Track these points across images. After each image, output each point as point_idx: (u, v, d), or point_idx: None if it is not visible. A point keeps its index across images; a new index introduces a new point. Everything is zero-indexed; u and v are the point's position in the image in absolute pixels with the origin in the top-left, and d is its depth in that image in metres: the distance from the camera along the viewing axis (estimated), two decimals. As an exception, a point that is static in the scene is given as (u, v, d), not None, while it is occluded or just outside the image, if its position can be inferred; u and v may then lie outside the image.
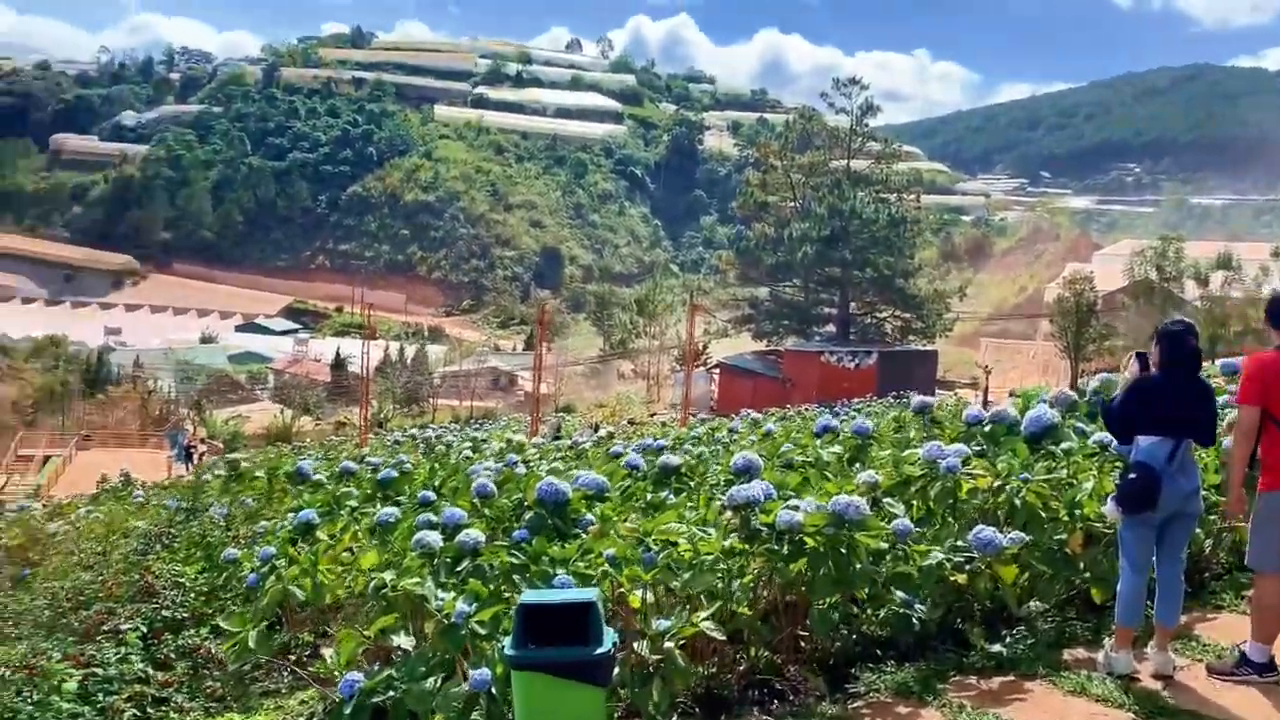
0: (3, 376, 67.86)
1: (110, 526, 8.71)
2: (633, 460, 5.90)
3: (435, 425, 44.93)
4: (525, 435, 31.89)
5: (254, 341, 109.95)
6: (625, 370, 72.28)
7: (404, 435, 26.43)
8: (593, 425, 36.18)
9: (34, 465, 43.82)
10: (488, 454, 15.79)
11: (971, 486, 5.02)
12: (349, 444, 34.78)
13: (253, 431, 51.88)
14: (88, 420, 57.61)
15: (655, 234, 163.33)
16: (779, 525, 4.19)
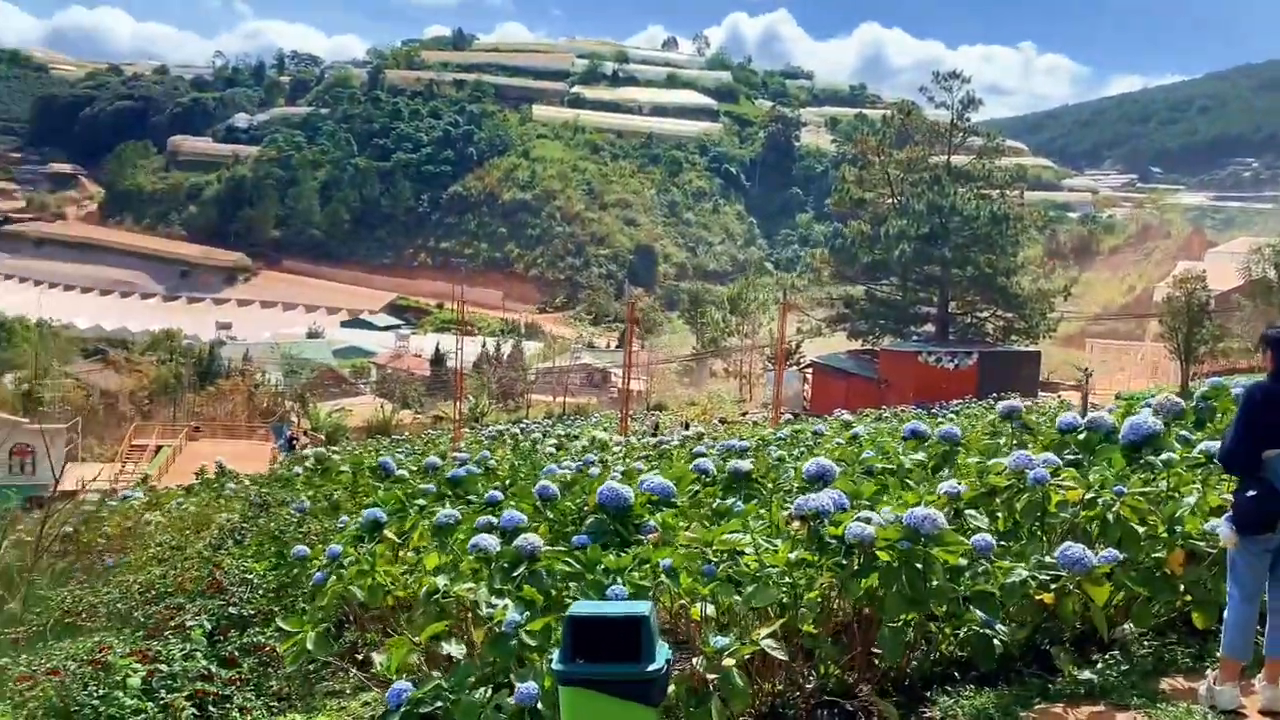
0: (120, 369, 70.82)
1: (196, 519, 8.88)
2: (702, 464, 5.70)
3: (529, 421, 45.39)
4: (616, 433, 31.96)
5: (358, 336, 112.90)
6: (718, 368, 71.93)
7: (496, 431, 26.57)
8: (683, 424, 36.06)
9: (146, 455, 45.56)
10: (573, 451, 15.78)
11: (1061, 499, 4.70)
12: (444, 438, 35.32)
13: (354, 424, 53.11)
14: (198, 412, 59.74)
15: (750, 232, 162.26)
16: (848, 538, 3.96)
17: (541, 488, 5.13)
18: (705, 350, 74.02)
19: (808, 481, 5.30)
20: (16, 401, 61.61)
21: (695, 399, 56.17)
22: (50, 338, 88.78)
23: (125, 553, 9.34)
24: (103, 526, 11.68)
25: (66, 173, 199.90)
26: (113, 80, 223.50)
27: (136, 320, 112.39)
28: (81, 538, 10.88)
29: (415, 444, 34.01)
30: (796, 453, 10.06)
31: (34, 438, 45.51)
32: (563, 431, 24.25)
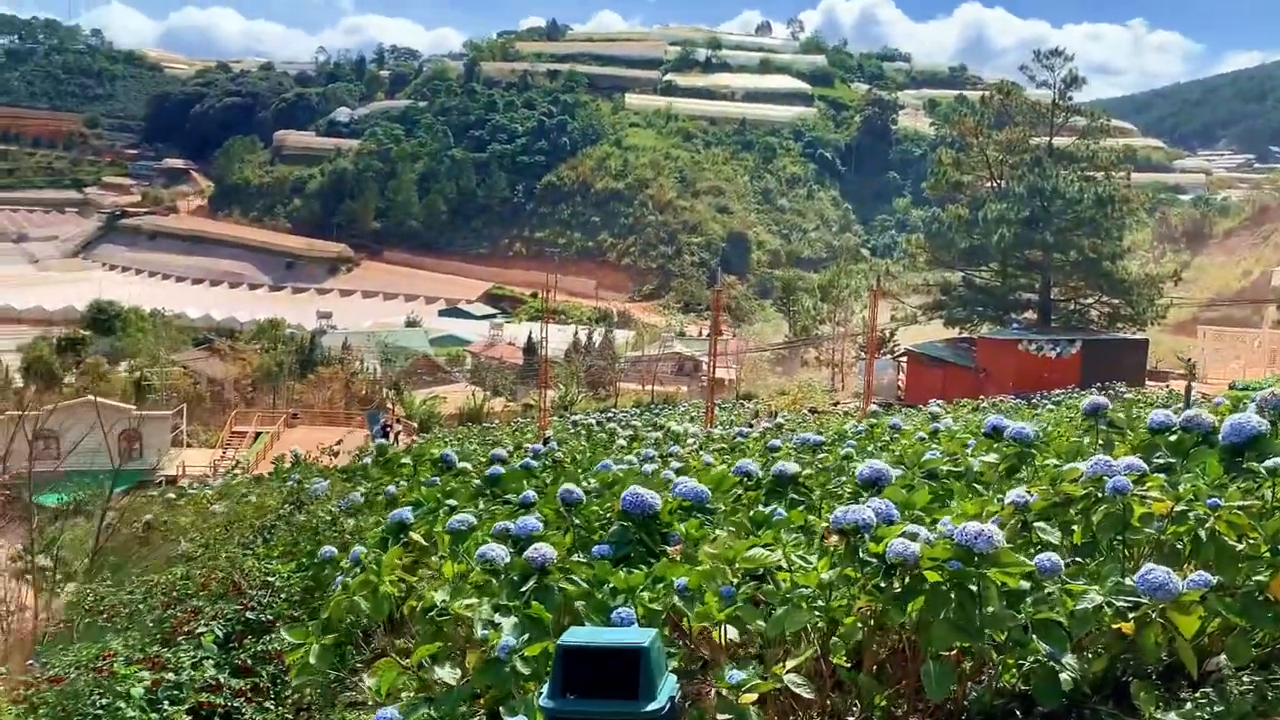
0: (225, 357, 73.04)
1: (257, 510, 8.79)
2: (744, 466, 5.24)
3: (616, 410, 45.26)
4: (702, 423, 31.52)
5: (454, 325, 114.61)
6: (810, 357, 70.82)
7: (573, 421, 26.30)
8: (770, 414, 35.41)
9: (246, 441, 46.95)
10: (646, 443, 15.41)
11: (1145, 512, 4.10)
12: (532, 426, 35.38)
13: (448, 412, 53.82)
14: (297, 399, 61.29)
15: (845, 218, 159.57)
16: (890, 557, 3.48)
17: (565, 491, 4.74)
18: (797, 339, 72.92)
19: (860, 486, 4.82)
20: (129, 389, 64.01)
21: (786, 388, 55.30)
22: (163, 327, 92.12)
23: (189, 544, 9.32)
24: (176, 516, 11.75)
25: (179, 168, 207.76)
26: (221, 78, 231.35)
27: (244, 310, 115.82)
28: (158, 527, 10.94)
29: (503, 431, 34.18)
30: (872, 448, 9.49)
31: (141, 424, 47.27)
32: (641, 423, 23.89)
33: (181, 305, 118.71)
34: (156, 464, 47.43)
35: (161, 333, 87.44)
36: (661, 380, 65.76)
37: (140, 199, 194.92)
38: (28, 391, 63.94)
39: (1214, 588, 3.77)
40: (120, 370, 73.18)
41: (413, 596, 4.37)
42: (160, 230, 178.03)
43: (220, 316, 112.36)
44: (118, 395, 57.70)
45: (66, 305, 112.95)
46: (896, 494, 4.20)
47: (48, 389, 65.41)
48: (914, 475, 4.97)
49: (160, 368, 68.78)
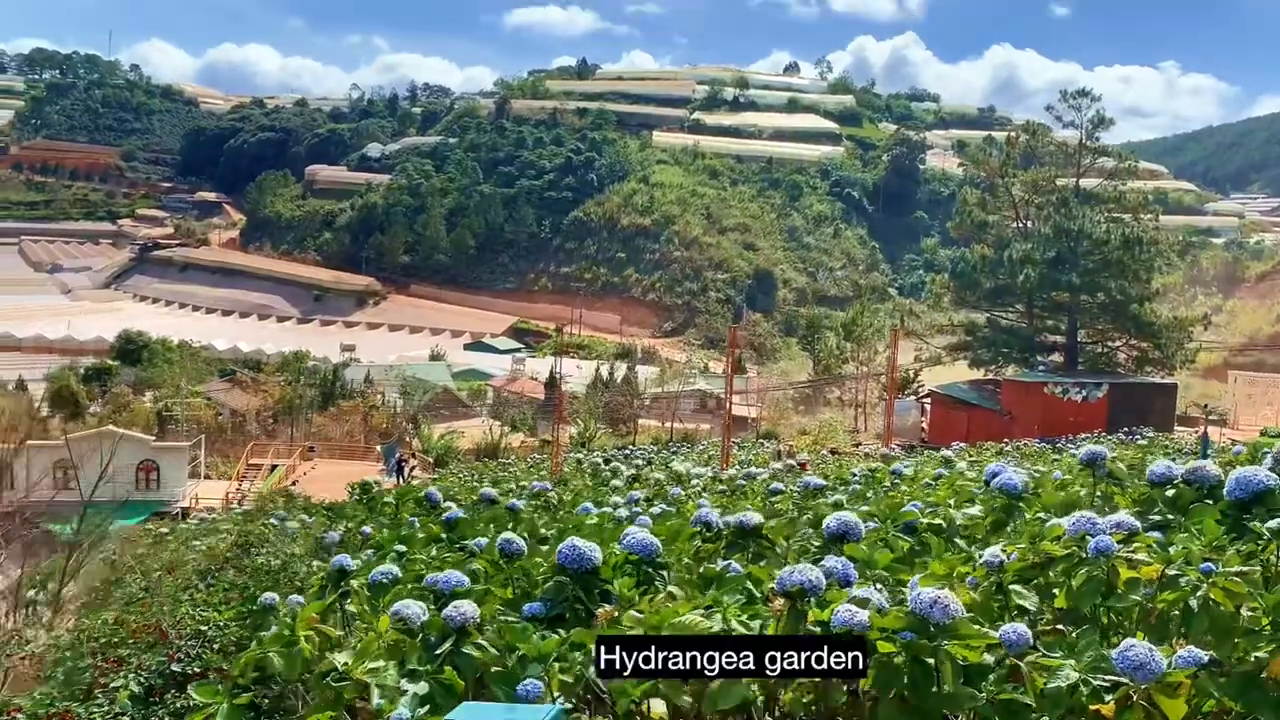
0: (247, 388, 73.30)
1: (208, 552, 8.45)
2: (703, 515, 4.86)
3: (634, 447, 44.83)
4: (718, 462, 31.05)
5: (478, 359, 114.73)
6: (834, 397, 70.15)
7: (577, 459, 25.90)
8: (786, 453, 34.91)
9: (261, 473, 46.80)
10: (650, 485, 15.00)
11: (1132, 576, 3.68)
12: (548, 462, 35.01)
13: (465, 446, 53.53)
14: (317, 432, 61.20)
15: (873, 256, 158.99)
16: (835, 625, 3.09)
17: (504, 541, 4.37)
18: (816, 378, 72.27)
19: (827, 540, 4.43)
20: (152, 419, 64.24)
21: (806, 428, 54.68)
22: (189, 358, 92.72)
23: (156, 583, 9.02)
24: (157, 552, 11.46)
25: (212, 200, 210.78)
26: (256, 113, 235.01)
27: (271, 342, 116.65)
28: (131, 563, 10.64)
29: (519, 468, 33.83)
30: (872, 495, 9.08)
31: (158, 455, 47.35)
32: (652, 461, 23.46)
33: (210, 337, 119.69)
34: (174, 495, 47.46)
35: (186, 364, 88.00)
36: (683, 418, 65.23)
37: (173, 231, 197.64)
38: (52, 421, 64.41)
39: (1206, 665, 3.34)
40: (145, 401, 73.58)
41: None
42: (191, 262, 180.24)
43: (248, 348, 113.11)
44: (141, 425, 57.92)
45: (96, 335, 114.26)
46: (857, 551, 3.82)
47: (72, 418, 65.88)
48: (888, 529, 4.58)
49: (183, 398, 69.12)
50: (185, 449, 48.89)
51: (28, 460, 45.36)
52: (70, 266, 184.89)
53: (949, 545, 4.73)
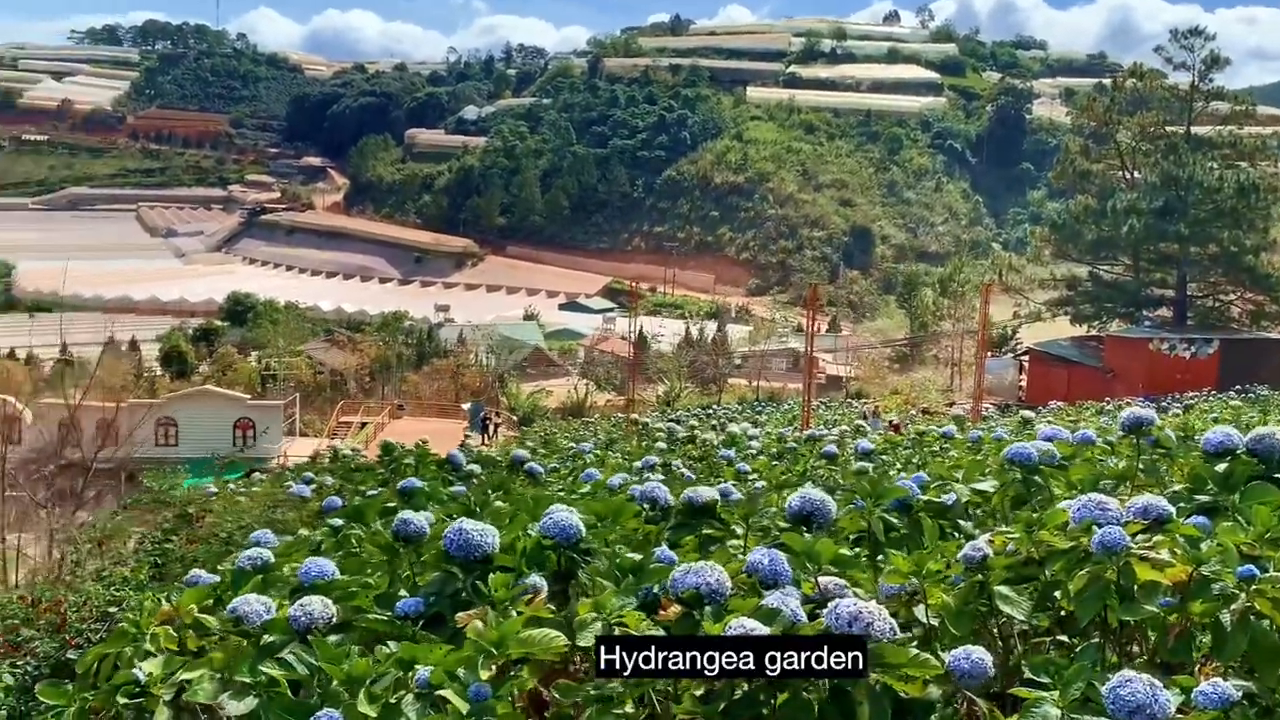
0: (344, 347, 74.83)
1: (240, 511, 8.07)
2: (649, 491, 4.11)
3: (719, 406, 44.07)
4: (799, 424, 30.10)
5: (571, 319, 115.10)
6: (930, 355, 68.03)
7: (633, 419, 25.25)
8: (874, 412, 33.78)
9: (352, 431, 47.55)
10: (702, 445, 14.28)
11: (1151, 579, 2.83)
12: (631, 417, 34.52)
13: (552, 405, 53.57)
14: (409, 390, 62.11)
15: (975, 211, 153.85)
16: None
17: (401, 522, 3.71)
18: (910, 336, 70.10)
19: (789, 521, 3.67)
20: (255, 378, 65.99)
21: (898, 387, 53.03)
22: (295, 319, 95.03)
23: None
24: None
25: (317, 165, 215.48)
26: (358, 78, 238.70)
27: (374, 303, 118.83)
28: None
29: (601, 426, 33.43)
30: (919, 460, 8.22)
31: (254, 413, 48.47)
32: (721, 421, 22.67)
33: (316, 298, 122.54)
34: (269, 453, 48.55)
35: (290, 324, 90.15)
36: (770, 377, 64.11)
37: (280, 196, 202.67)
38: (161, 380, 66.71)
39: (1239, 703, 2.48)
40: (249, 360, 75.59)
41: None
42: (298, 225, 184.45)
43: (351, 309, 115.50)
44: (243, 384, 59.45)
45: (207, 297, 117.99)
46: (795, 540, 3.05)
47: (180, 377, 68.12)
48: (871, 510, 3.79)
49: (283, 358, 70.74)
50: (280, 407, 49.93)
51: (131, 418, 46.94)
52: (184, 231, 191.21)
53: (953, 529, 3.92)
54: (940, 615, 2.99)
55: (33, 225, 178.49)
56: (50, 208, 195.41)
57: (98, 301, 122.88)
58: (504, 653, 2.43)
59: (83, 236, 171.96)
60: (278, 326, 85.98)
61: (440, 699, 2.30)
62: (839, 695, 2.38)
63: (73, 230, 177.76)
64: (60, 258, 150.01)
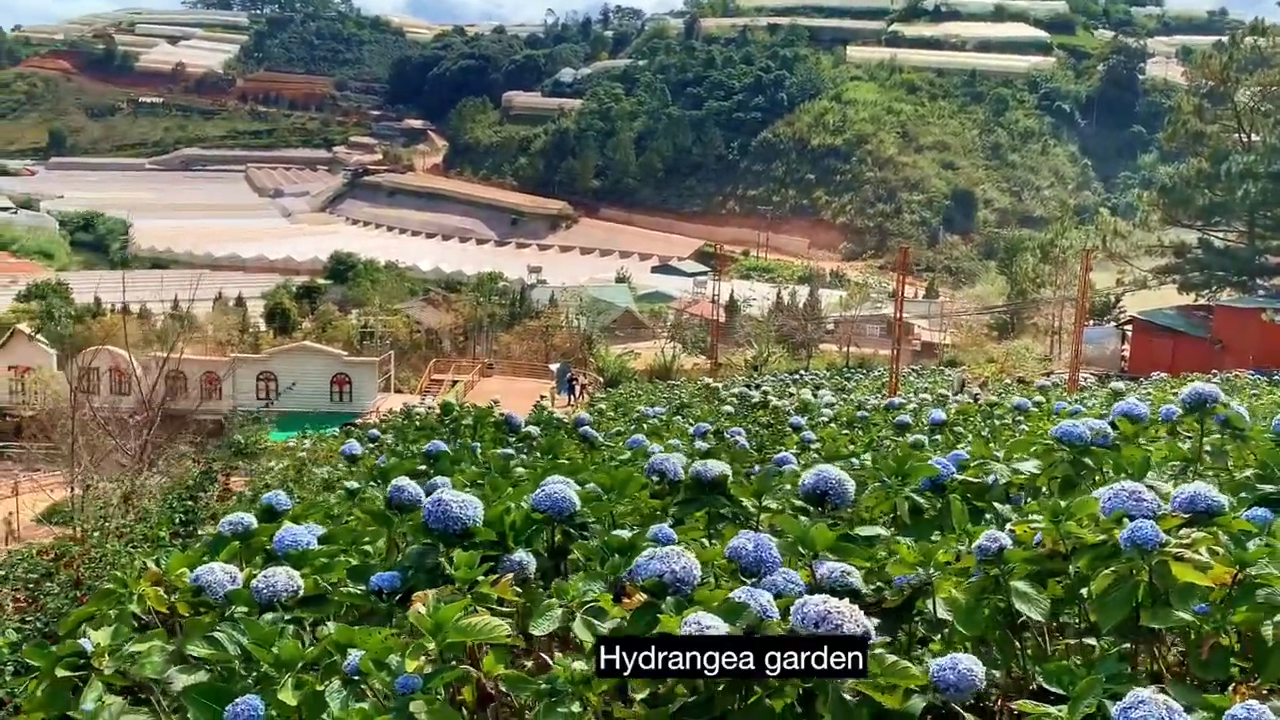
0: (439, 307, 76.01)
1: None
2: (659, 463, 3.86)
3: (807, 372, 43.41)
4: (884, 391, 29.36)
5: (662, 282, 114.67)
6: (1030, 323, 65.89)
7: (706, 383, 24.83)
8: (967, 381, 32.82)
9: (443, 388, 48.27)
10: (777, 412, 13.94)
11: (1190, 581, 2.48)
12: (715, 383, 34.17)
13: (640, 367, 53.55)
14: (500, 350, 62.89)
15: (1084, 174, 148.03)
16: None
17: (395, 489, 3.52)
18: (1011, 302, 67.92)
19: (803, 500, 3.40)
20: (354, 335, 67.56)
21: (995, 355, 51.49)
22: (395, 278, 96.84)
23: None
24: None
25: (417, 127, 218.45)
26: (457, 41, 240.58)
27: (472, 263, 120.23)
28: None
29: (686, 389, 33.18)
30: (988, 432, 7.77)
31: (351, 369, 49.59)
32: (810, 386, 22.18)
33: (415, 258, 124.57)
34: (364, 408, 49.59)
35: (389, 283, 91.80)
36: (861, 343, 62.93)
37: (381, 158, 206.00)
38: (266, 335, 68.76)
39: None
40: (349, 318, 77.38)
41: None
42: (399, 187, 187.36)
43: (449, 269, 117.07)
44: (342, 341, 60.88)
45: (312, 256, 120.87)
46: (790, 524, 2.79)
47: (283, 333, 70.09)
48: (898, 491, 3.48)
49: (382, 316, 72.15)
50: (376, 363, 50.96)
51: (235, 371, 48.56)
52: (290, 192, 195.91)
53: (988, 513, 3.59)
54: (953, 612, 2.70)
55: (149, 185, 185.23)
56: (165, 168, 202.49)
57: (208, 259, 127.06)
58: (442, 641, 2.23)
59: (194, 196, 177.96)
60: (377, 285, 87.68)
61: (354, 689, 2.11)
62: (809, 702, 2.13)
63: (186, 190, 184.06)
64: (174, 217, 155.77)
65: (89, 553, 5.01)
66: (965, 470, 3.82)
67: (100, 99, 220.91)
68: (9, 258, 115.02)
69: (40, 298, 68.63)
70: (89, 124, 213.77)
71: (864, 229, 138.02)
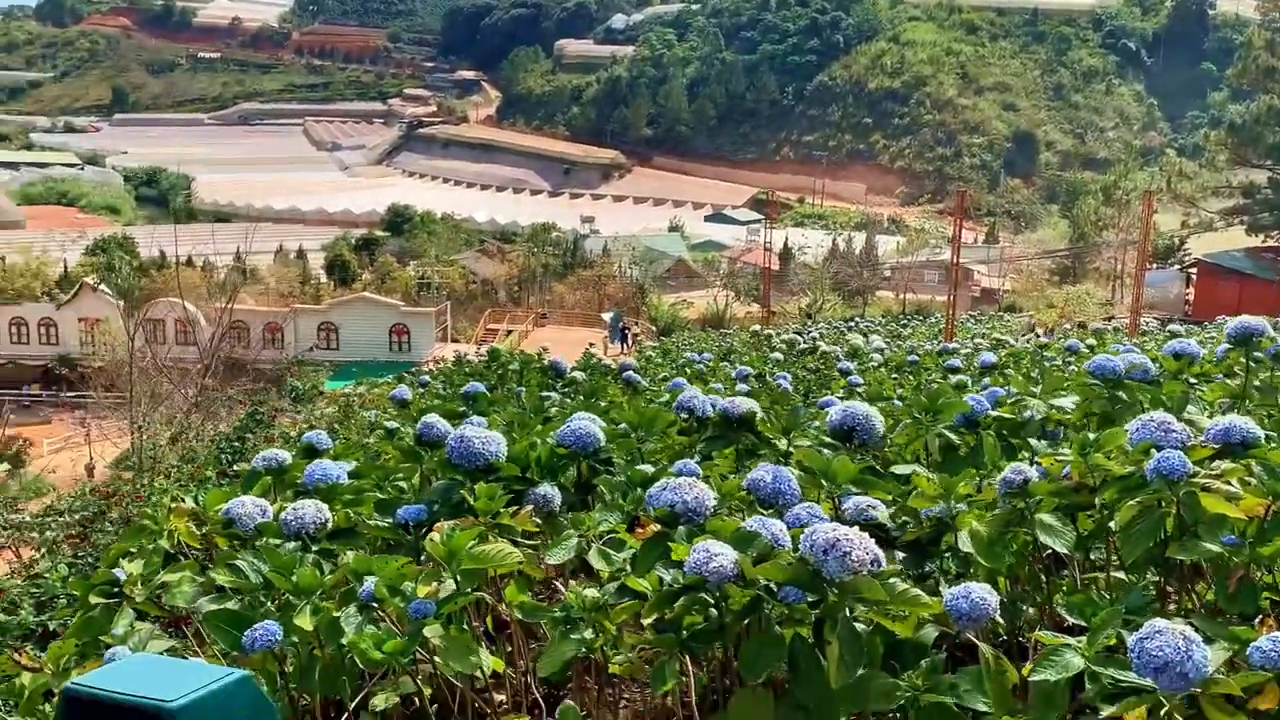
0: (494, 258, 76.41)
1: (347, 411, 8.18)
2: (687, 400, 3.84)
3: (862, 319, 42.98)
4: (940, 337, 29.00)
5: (716, 231, 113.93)
6: (1092, 267, 64.45)
7: (755, 330, 24.64)
8: (1035, 326, 32.39)
9: (498, 338, 48.77)
10: (827, 357, 13.83)
11: (1220, 512, 2.41)
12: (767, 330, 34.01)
13: (692, 316, 53.50)
14: (554, 300, 63.19)
15: (1150, 115, 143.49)
16: (688, 574, 2.11)
17: (424, 426, 3.55)
18: (1073, 246, 66.38)
19: (831, 436, 3.38)
20: (411, 286, 68.27)
21: (1054, 300, 50.51)
22: (451, 230, 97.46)
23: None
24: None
25: (470, 78, 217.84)
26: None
27: (526, 214, 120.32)
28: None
29: (738, 338, 33.09)
30: (1038, 374, 7.63)
31: (409, 319, 50.24)
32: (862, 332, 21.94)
33: (470, 210, 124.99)
34: (422, 357, 50.20)
35: (445, 235, 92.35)
36: (919, 289, 62.10)
37: (435, 109, 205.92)
38: (326, 287, 69.74)
39: None
40: (407, 269, 78.17)
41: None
42: (453, 139, 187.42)
43: (504, 220, 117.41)
44: (400, 292, 61.58)
45: (370, 209, 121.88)
46: (813, 458, 2.76)
47: (343, 284, 71.04)
48: (928, 428, 3.43)
49: (438, 267, 72.72)
50: (433, 314, 51.51)
51: (296, 323, 49.44)
52: (347, 145, 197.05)
53: (1023, 450, 3.53)
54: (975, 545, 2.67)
55: (209, 140, 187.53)
56: (224, 123, 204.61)
57: (269, 212, 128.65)
58: (455, 567, 2.26)
59: (253, 150, 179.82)
60: (433, 237, 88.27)
61: (365, 614, 2.15)
62: (819, 630, 2.12)
63: (245, 145, 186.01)
64: (234, 171, 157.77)
65: (138, 492, 5.17)
66: (1001, 406, 3.76)
67: (159, 55, 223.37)
68: (78, 213, 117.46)
69: (104, 251, 70.13)
70: (149, 80, 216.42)
71: (922, 174, 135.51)
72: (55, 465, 20.49)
